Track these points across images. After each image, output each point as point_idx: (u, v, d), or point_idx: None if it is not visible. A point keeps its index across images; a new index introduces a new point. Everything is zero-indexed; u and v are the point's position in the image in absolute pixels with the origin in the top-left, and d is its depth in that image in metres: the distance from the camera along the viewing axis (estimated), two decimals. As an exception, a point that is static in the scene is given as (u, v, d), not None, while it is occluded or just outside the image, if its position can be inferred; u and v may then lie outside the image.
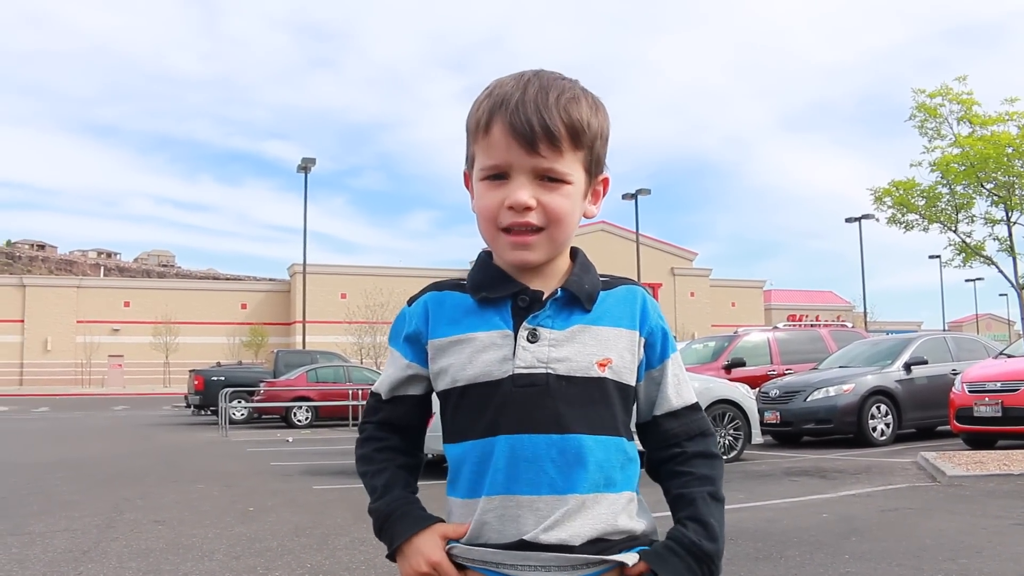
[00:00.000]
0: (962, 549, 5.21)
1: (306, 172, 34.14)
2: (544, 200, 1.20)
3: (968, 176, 20.27)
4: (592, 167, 1.27)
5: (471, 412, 1.23)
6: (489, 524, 1.21)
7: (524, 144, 1.18)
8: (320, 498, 7.94)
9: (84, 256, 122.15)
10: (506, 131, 1.19)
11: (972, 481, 8.05)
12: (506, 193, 1.20)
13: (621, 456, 1.25)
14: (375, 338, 54.36)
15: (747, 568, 4.83)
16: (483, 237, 1.27)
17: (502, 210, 1.21)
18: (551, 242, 1.23)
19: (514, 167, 1.20)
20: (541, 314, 1.24)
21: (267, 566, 5.10)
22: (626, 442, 1.26)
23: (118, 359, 63.73)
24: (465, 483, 1.24)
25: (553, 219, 1.21)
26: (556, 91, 1.20)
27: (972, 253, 21.48)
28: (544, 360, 1.22)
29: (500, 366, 1.22)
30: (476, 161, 1.25)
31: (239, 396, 20.93)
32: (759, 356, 15.73)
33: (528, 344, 1.22)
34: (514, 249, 1.22)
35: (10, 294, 62.84)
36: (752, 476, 9.14)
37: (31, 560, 5.33)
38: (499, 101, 1.20)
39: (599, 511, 1.21)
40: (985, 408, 10.75)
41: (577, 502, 1.19)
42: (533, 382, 1.21)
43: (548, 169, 1.20)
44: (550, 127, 1.18)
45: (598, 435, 1.22)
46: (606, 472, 1.22)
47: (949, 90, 20.75)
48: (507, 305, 1.25)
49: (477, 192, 1.25)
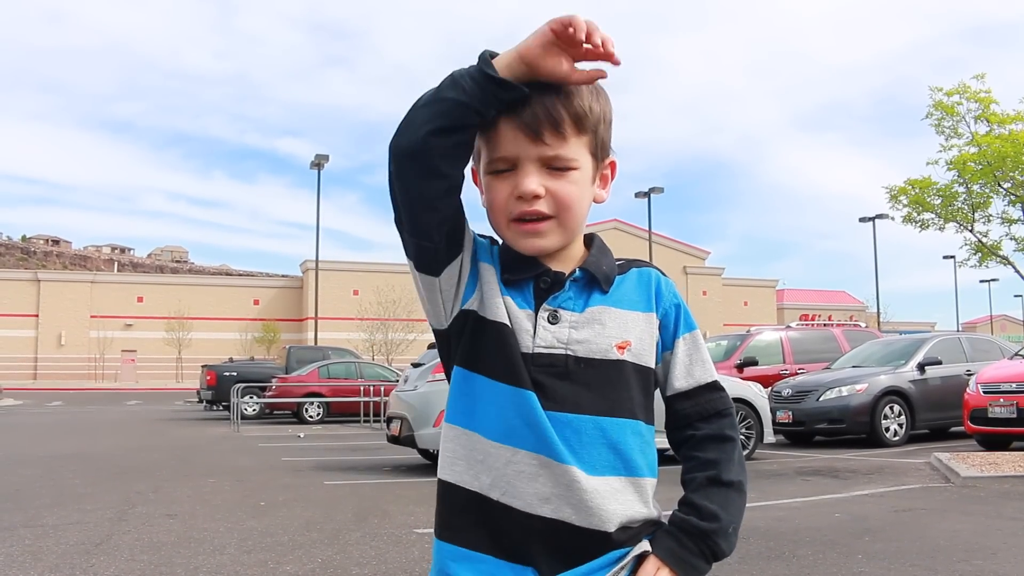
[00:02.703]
0: (977, 550, 5.16)
1: (319, 169, 34.21)
2: (552, 188, 1.21)
3: (985, 175, 20.09)
4: (598, 151, 1.26)
5: (496, 351, 1.21)
6: (502, 474, 1.19)
7: (528, 133, 1.18)
8: (331, 494, 7.95)
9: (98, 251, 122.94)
10: (510, 122, 1.18)
11: (987, 482, 7.98)
12: (514, 183, 1.20)
13: (639, 440, 1.24)
14: (387, 335, 54.45)
15: (759, 566, 4.80)
16: (495, 230, 1.27)
17: (511, 200, 1.21)
18: (562, 228, 1.23)
19: (520, 157, 1.20)
20: (561, 295, 1.24)
21: (278, 560, 5.11)
22: (643, 425, 1.25)
23: (131, 354, 64.09)
24: (484, 424, 1.22)
25: (562, 206, 1.21)
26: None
27: (988, 253, 21.29)
28: (564, 341, 1.22)
29: (521, 335, 1.22)
30: (482, 155, 1.24)
31: (251, 392, 21.02)
32: (772, 355, 15.65)
33: (549, 325, 1.23)
34: (526, 237, 1.22)
35: (25, 289, 63.28)
36: (764, 475, 9.09)
37: (44, 552, 5.36)
38: None
39: (624, 496, 1.21)
40: (1000, 409, 10.66)
41: (597, 483, 1.19)
42: (552, 363, 1.21)
43: (554, 157, 1.20)
44: (552, 114, 1.18)
45: (616, 417, 1.22)
46: (624, 455, 1.21)
47: (967, 88, 20.56)
48: (529, 286, 1.25)
49: (485, 186, 1.25)
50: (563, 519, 1.18)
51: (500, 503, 1.19)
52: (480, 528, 1.21)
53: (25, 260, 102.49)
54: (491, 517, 1.20)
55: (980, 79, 20.57)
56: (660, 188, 42.45)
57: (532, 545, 1.19)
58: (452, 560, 1.22)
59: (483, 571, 1.20)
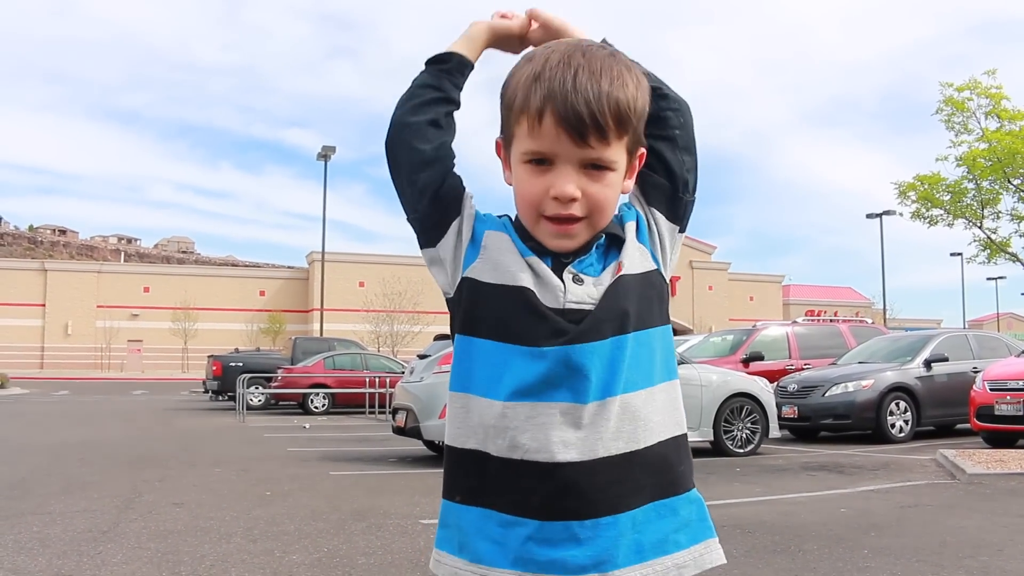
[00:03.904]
0: (983, 547, 5.15)
1: (326, 160, 34.22)
2: (589, 191, 1.20)
3: (995, 171, 20.01)
4: (633, 146, 1.25)
5: (516, 315, 1.21)
6: (521, 429, 1.19)
7: (574, 135, 1.17)
8: (337, 484, 7.97)
9: (105, 241, 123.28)
10: (556, 121, 1.17)
11: (993, 479, 7.96)
12: (550, 182, 1.19)
13: (648, 351, 1.25)
14: (392, 326, 54.50)
15: (764, 560, 4.80)
16: (522, 219, 1.26)
17: (546, 199, 1.20)
18: (592, 228, 1.24)
19: (560, 156, 1.19)
20: (586, 260, 1.25)
21: (284, 549, 5.13)
22: (653, 332, 1.26)
23: (137, 344, 64.30)
24: (500, 386, 1.21)
25: (596, 208, 1.22)
26: (607, 78, 1.18)
27: (997, 250, 21.22)
28: (594, 297, 1.22)
29: (549, 293, 1.22)
30: (518, 141, 1.23)
31: (257, 382, 21.04)
32: (778, 350, 15.64)
33: (574, 285, 1.23)
34: (556, 237, 1.23)
35: (32, 278, 63.48)
36: (769, 470, 9.09)
37: (52, 539, 5.39)
38: (550, 88, 1.17)
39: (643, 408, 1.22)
40: (1006, 406, 10.63)
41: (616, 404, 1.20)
42: (582, 317, 1.21)
43: (596, 159, 1.19)
44: (599, 119, 1.16)
45: (634, 331, 1.22)
46: (643, 368, 1.24)
47: (978, 84, 20.46)
48: (548, 257, 1.25)
49: (518, 175, 1.24)
50: (591, 457, 1.18)
51: (520, 460, 1.18)
52: (487, 486, 1.21)
53: (32, 250, 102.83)
54: (505, 474, 1.20)
55: (991, 75, 20.47)
56: (667, 182, 42.39)
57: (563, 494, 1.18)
58: (458, 517, 1.24)
59: (491, 528, 1.20)
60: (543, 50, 1.24)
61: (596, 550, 1.16)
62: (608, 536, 1.17)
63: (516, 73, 1.24)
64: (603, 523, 1.17)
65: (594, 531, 1.17)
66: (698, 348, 16.17)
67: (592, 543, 1.16)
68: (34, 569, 4.63)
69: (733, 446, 10.48)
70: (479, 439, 1.22)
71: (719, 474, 8.56)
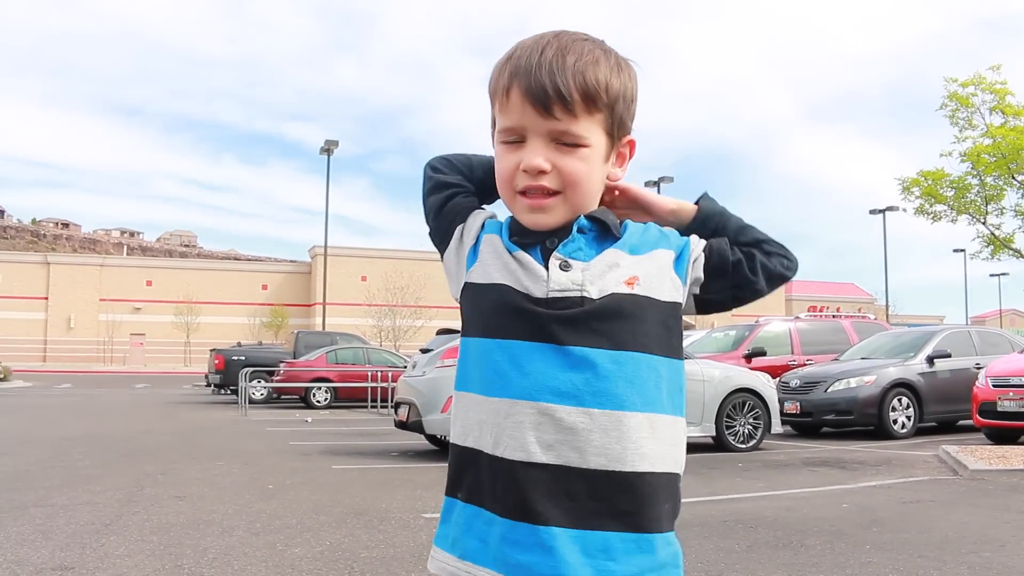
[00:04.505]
0: (986, 542, 5.15)
1: (329, 154, 34.20)
2: (560, 163, 1.19)
3: (999, 167, 19.95)
4: (614, 129, 1.24)
5: (499, 313, 1.21)
6: (501, 427, 1.17)
7: (538, 107, 1.17)
8: (339, 478, 7.98)
9: (108, 235, 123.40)
10: (521, 94, 1.18)
11: (995, 475, 7.95)
12: (521, 156, 1.20)
13: (653, 375, 1.20)
14: (395, 321, 54.55)
15: (767, 555, 4.80)
16: (502, 199, 1.27)
17: (518, 173, 1.21)
18: (568, 205, 1.21)
19: (529, 130, 1.19)
20: (570, 244, 1.22)
21: (286, 543, 5.13)
22: (660, 360, 1.21)
23: (140, 337, 64.44)
24: (484, 382, 1.21)
25: (569, 182, 1.20)
26: (575, 54, 1.18)
27: (1001, 246, 21.17)
28: (579, 283, 1.19)
29: (534, 284, 1.20)
30: (496, 124, 1.25)
31: (259, 376, 21.08)
32: (780, 346, 15.63)
33: (560, 271, 1.20)
34: (530, 212, 1.22)
35: (34, 271, 63.60)
36: (771, 465, 9.09)
37: (55, 531, 5.40)
38: (516, 64, 1.20)
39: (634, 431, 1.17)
40: (1009, 403, 10.61)
41: (603, 417, 1.15)
42: (568, 305, 1.18)
43: (563, 132, 1.19)
44: (562, 91, 1.16)
45: (630, 351, 1.18)
46: (640, 390, 1.18)
47: (982, 79, 20.36)
48: (536, 248, 1.23)
49: (496, 156, 1.25)
50: (567, 464, 1.15)
51: (500, 457, 1.17)
52: (480, 484, 1.20)
53: (35, 243, 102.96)
54: (490, 472, 1.18)
55: (996, 70, 20.37)
56: (670, 177, 42.26)
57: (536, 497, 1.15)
58: (453, 513, 1.23)
59: (479, 526, 1.19)
60: (521, 40, 1.25)
61: (563, 565, 1.11)
62: (577, 551, 1.12)
63: (496, 64, 1.26)
64: (573, 535, 1.13)
65: (563, 542, 1.12)
66: (700, 344, 16.16)
67: (559, 555, 1.12)
68: (37, 561, 4.64)
69: (735, 441, 10.48)
70: (475, 437, 1.21)
71: (721, 469, 8.56)
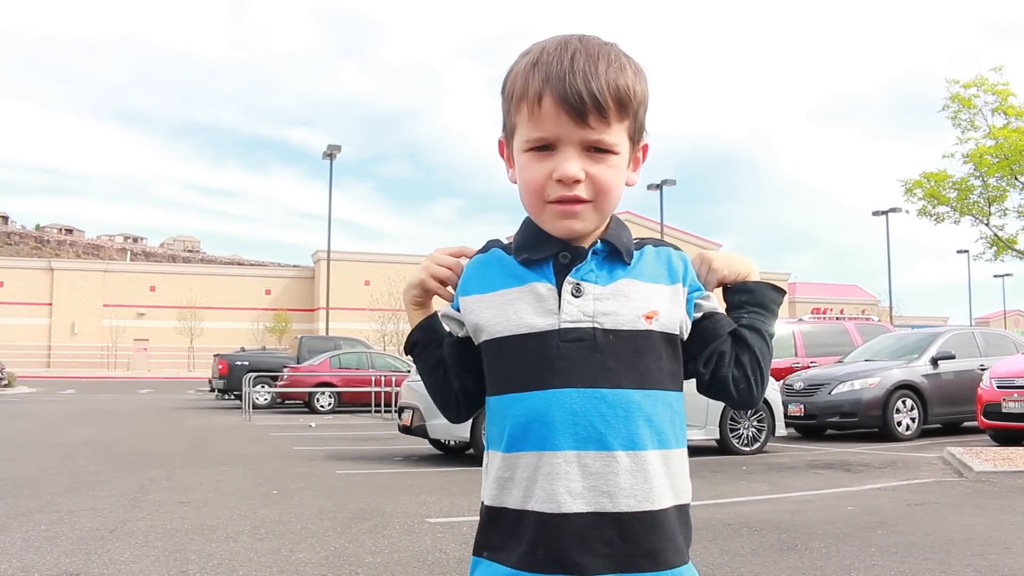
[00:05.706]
0: (991, 544, 5.13)
1: (331, 159, 34.23)
2: (592, 172, 1.19)
3: (1002, 168, 19.88)
4: (635, 135, 1.25)
5: (513, 364, 1.21)
6: (532, 480, 1.18)
7: (574, 115, 1.16)
8: (343, 482, 7.98)
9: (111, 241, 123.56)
10: (555, 102, 1.16)
11: (1000, 477, 7.93)
12: (553, 165, 1.18)
13: (668, 411, 1.22)
14: (398, 325, 54.48)
15: (772, 558, 4.79)
16: (527, 209, 1.25)
17: (550, 183, 1.19)
18: (597, 213, 1.22)
19: (562, 139, 1.18)
20: (583, 267, 1.22)
21: (291, 548, 5.13)
22: (673, 395, 1.23)
23: (143, 343, 64.49)
24: (507, 438, 1.21)
25: (601, 191, 1.20)
26: (604, 60, 1.18)
27: (1004, 247, 21.12)
28: (590, 314, 1.20)
29: (544, 319, 1.20)
30: (519, 132, 1.22)
31: (263, 381, 21.08)
32: (783, 348, 15.61)
33: (572, 299, 1.20)
34: (561, 218, 1.21)
35: (38, 277, 63.70)
36: (775, 468, 9.07)
37: (59, 537, 5.40)
38: (547, 71, 1.18)
39: (655, 469, 1.18)
40: (1014, 404, 10.58)
41: (627, 459, 1.16)
42: (580, 336, 1.19)
43: (597, 140, 1.18)
44: (598, 99, 1.16)
45: (647, 389, 1.19)
46: (656, 427, 1.19)
47: (985, 80, 20.32)
48: (549, 264, 1.23)
49: (520, 163, 1.23)
50: (599, 510, 1.15)
51: (532, 511, 1.17)
52: (515, 543, 1.19)
53: (39, 249, 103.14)
54: (527, 529, 1.17)
55: (998, 71, 20.33)
56: (672, 180, 42.33)
57: (571, 548, 1.15)
58: (478, 572, 1.23)
59: None
60: (539, 42, 1.24)
61: None
62: None
63: (515, 66, 1.24)
64: None
65: None
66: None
67: None
68: (42, 567, 4.65)
69: (739, 444, 10.46)
70: (502, 494, 1.22)
71: (725, 472, 8.55)
